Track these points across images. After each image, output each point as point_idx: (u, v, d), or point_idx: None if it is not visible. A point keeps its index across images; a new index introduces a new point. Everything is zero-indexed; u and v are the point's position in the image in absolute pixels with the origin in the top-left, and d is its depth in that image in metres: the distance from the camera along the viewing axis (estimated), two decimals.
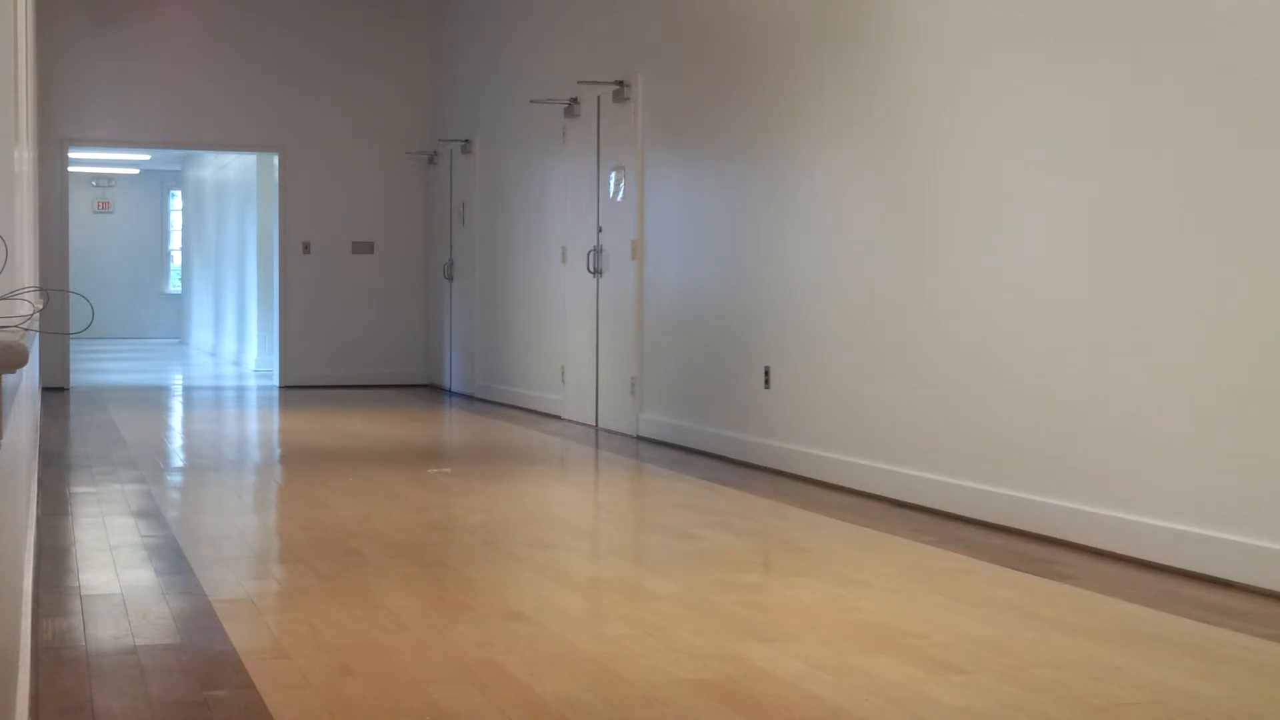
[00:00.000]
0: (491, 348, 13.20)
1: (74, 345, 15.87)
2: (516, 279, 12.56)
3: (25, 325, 2.76)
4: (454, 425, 11.55)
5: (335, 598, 4.86)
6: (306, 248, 14.77)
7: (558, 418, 11.34)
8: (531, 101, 11.77)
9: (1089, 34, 5.85)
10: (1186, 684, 3.89)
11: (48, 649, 4.17)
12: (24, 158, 5.26)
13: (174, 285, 26.82)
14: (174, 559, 5.56)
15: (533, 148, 12.14)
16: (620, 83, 10.23)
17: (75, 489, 7.45)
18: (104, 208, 26.65)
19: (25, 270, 5.26)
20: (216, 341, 20.89)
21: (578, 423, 10.95)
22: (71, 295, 14.66)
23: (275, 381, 14.93)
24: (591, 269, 10.63)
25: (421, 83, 15.04)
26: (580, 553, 6.06)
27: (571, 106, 11.06)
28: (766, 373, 8.30)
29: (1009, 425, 6.29)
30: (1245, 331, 5.12)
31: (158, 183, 26.82)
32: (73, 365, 14.75)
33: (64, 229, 14.24)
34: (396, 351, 15.05)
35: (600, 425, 10.58)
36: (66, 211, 14.42)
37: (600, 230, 10.58)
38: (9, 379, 2.45)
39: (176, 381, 16.48)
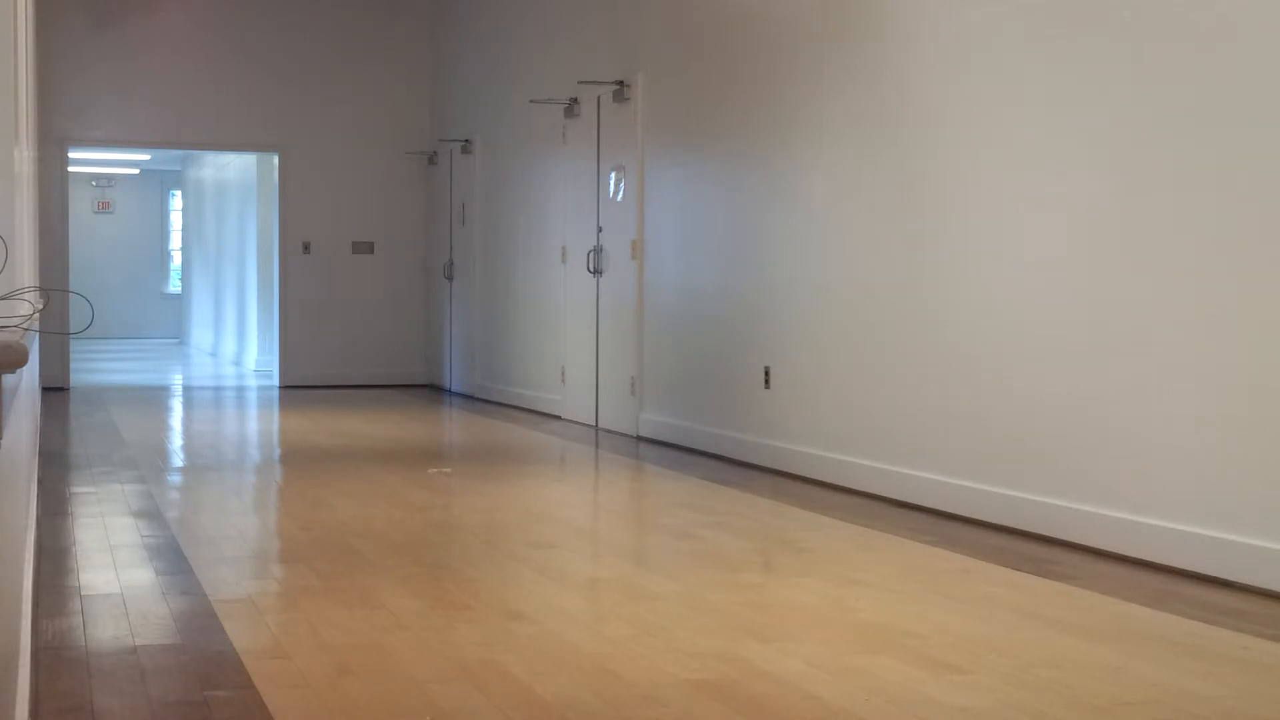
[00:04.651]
0: (491, 348, 13.20)
1: (74, 345, 15.87)
2: (516, 279, 12.57)
3: (25, 325, 2.76)
4: (454, 425, 11.55)
5: (335, 598, 4.86)
6: (306, 248, 14.78)
7: (558, 418, 11.34)
8: (531, 101, 11.77)
9: (1089, 34, 5.85)
10: (1186, 684, 3.89)
11: (48, 649, 4.17)
12: (24, 158, 5.26)
13: (174, 285, 26.82)
14: (174, 559, 5.56)
15: (533, 148, 12.15)
16: (620, 83, 10.23)
17: (75, 489, 7.45)
18: (104, 208, 26.65)
19: (25, 270, 5.26)
20: (216, 341, 20.90)
21: (578, 423, 10.95)
22: (71, 295, 14.66)
23: (275, 381, 14.93)
24: (591, 269, 10.63)
25: (421, 83, 15.05)
26: (580, 553, 6.06)
27: (571, 106, 11.06)
28: (766, 373, 8.30)
29: (1009, 425, 6.29)
30: (1246, 332, 5.12)
31: (158, 183, 26.83)
32: (73, 365, 14.75)
33: (64, 229, 14.24)
34: (396, 351, 15.05)
35: (600, 425, 10.58)
36: (66, 211, 14.42)
37: (600, 230, 10.59)
38: (9, 379, 2.45)
39: (176, 381, 16.48)
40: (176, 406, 13.53)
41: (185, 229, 24.64)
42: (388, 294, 15.05)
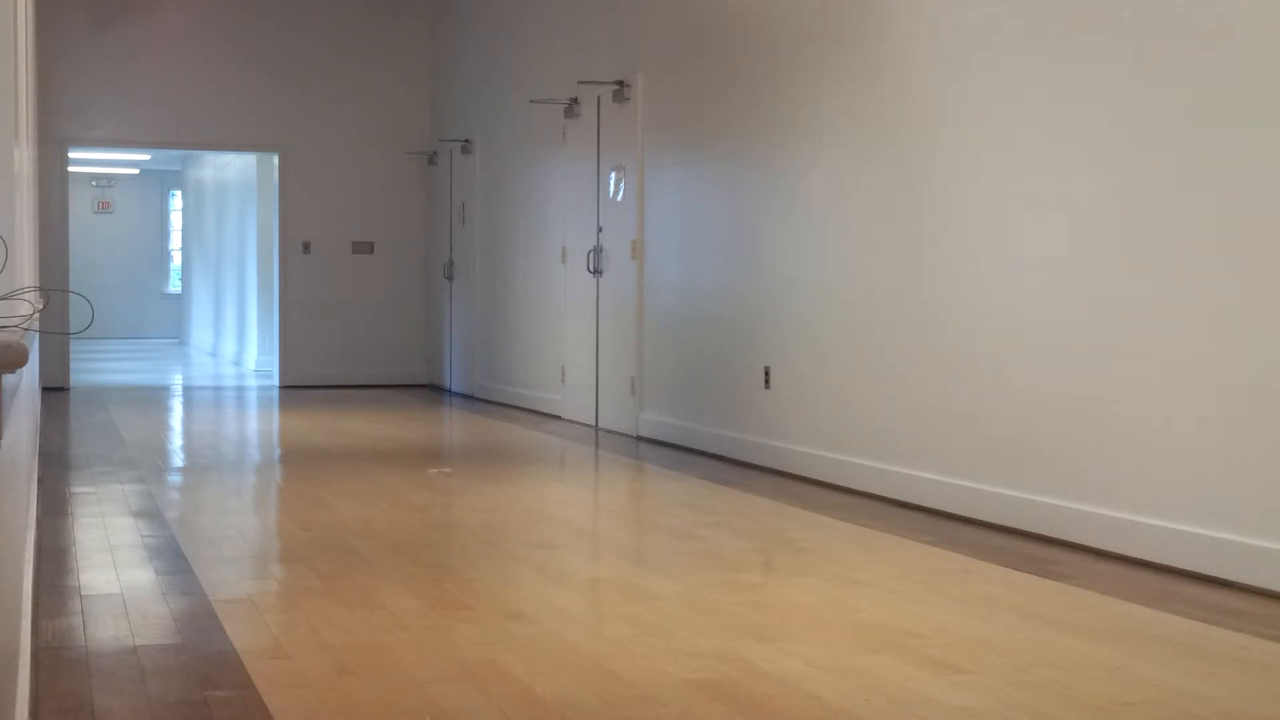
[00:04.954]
0: (491, 348, 13.20)
1: (74, 345, 15.87)
2: (516, 279, 12.57)
3: (25, 325, 2.76)
4: (454, 425, 11.55)
5: (335, 598, 4.86)
6: (306, 248, 14.78)
7: (558, 418, 11.34)
8: (531, 101, 11.77)
9: (1089, 34, 5.85)
10: (1186, 684, 3.89)
11: (48, 649, 4.17)
12: (24, 158, 5.26)
13: (174, 285, 26.82)
14: (174, 559, 5.56)
15: (533, 148, 12.15)
16: (620, 83, 10.23)
17: (75, 489, 7.45)
18: (104, 208, 26.65)
19: (25, 270, 5.26)
20: (216, 341, 20.90)
21: (578, 423, 10.95)
22: (71, 295, 14.66)
23: (275, 381, 14.93)
24: (591, 269, 10.64)
25: (421, 83, 15.05)
26: (580, 553, 6.06)
27: (571, 106, 11.06)
28: (766, 373, 8.30)
29: (1009, 425, 6.29)
30: (1246, 332, 5.12)
31: (158, 183, 26.83)
32: (73, 365, 14.75)
33: (64, 229, 14.24)
34: (396, 351, 15.05)
35: (600, 425, 10.58)
36: (66, 211, 14.42)
37: (600, 230, 10.59)
38: (9, 379, 2.45)
39: (176, 381, 16.48)
40: (176, 406, 13.53)
41: (185, 229, 24.64)
42: (388, 294, 15.04)
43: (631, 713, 3.60)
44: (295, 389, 14.45)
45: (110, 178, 26.54)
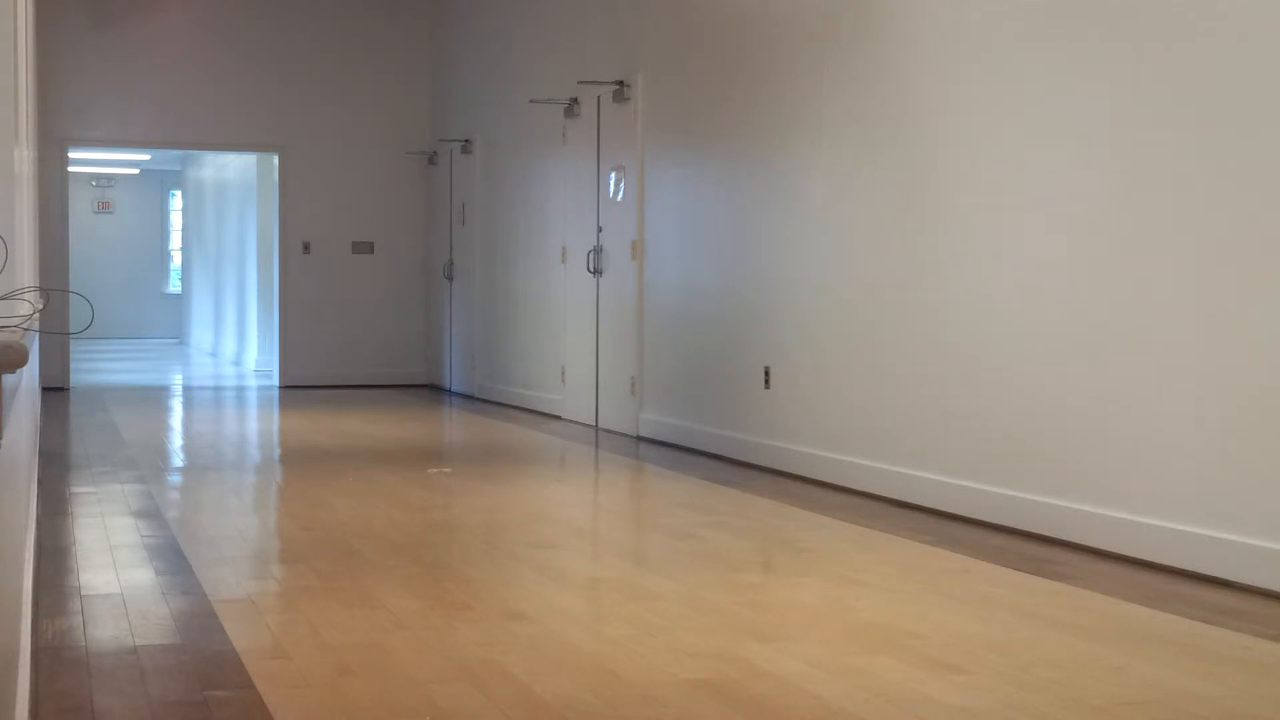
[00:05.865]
0: (491, 348, 13.20)
1: (74, 345, 15.87)
2: (516, 279, 12.57)
3: (25, 325, 2.76)
4: (454, 425, 11.55)
5: (335, 598, 4.86)
6: (306, 248, 14.78)
7: (558, 418, 11.34)
8: (531, 101, 11.77)
9: (1090, 34, 5.85)
10: (1186, 684, 3.89)
11: (48, 649, 4.17)
12: (24, 158, 5.26)
13: (174, 285, 26.83)
14: (174, 559, 5.56)
15: (533, 148, 12.15)
16: (620, 83, 10.23)
17: (75, 489, 7.45)
18: (104, 208, 26.65)
19: (25, 270, 5.26)
20: (216, 341, 20.90)
21: (578, 423, 10.95)
22: (71, 295, 14.66)
23: (275, 381, 14.93)
24: (591, 269, 10.64)
25: (421, 83, 15.05)
26: (580, 553, 6.06)
27: (571, 106, 11.06)
28: (766, 373, 8.30)
29: (1009, 425, 6.29)
30: (1245, 332, 5.12)
31: (158, 183, 26.83)
32: (73, 365, 14.75)
33: (64, 229, 14.24)
34: (396, 351, 15.05)
35: (600, 425, 10.58)
36: (66, 211, 14.42)
37: (600, 230, 10.59)
38: (9, 379, 2.45)
39: (176, 381, 16.48)
40: (176, 406, 13.53)
41: (185, 229, 24.65)
42: (388, 294, 15.05)
43: (631, 713, 3.60)
44: (295, 389, 14.45)
45: (110, 178, 26.54)
